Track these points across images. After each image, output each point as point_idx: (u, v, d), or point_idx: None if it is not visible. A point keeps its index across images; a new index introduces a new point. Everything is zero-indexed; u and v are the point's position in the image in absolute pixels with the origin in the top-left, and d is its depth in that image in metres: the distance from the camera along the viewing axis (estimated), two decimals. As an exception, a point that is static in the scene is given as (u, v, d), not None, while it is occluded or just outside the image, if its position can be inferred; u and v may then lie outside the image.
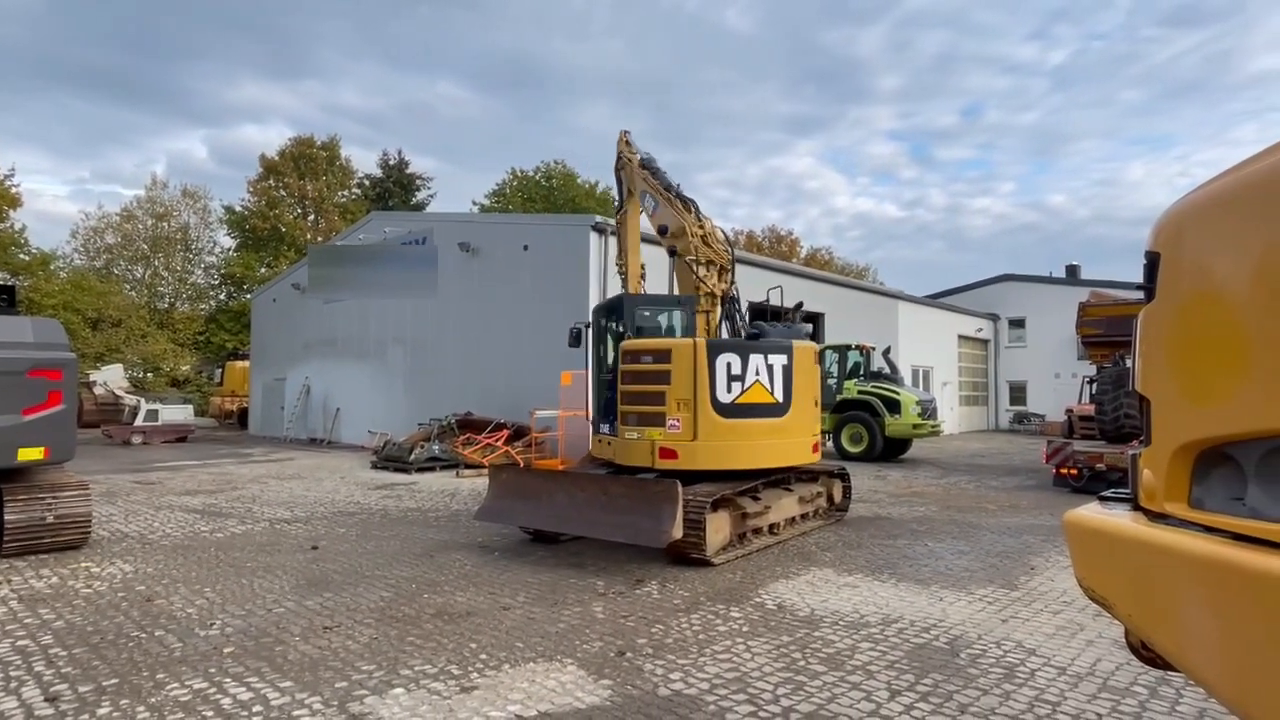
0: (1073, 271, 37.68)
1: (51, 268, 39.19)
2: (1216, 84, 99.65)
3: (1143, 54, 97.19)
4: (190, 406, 26.85)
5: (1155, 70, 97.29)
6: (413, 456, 15.79)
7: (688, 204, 9.19)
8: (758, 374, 7.99)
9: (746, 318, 9.52)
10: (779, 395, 8.14)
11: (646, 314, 9.17)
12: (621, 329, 8.86)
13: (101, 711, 3.97)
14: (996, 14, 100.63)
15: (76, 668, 4.59)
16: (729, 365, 7.93)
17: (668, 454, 7.87)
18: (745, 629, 5.41)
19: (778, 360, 8.16)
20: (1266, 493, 1.53)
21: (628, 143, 10.16)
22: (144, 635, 5.21)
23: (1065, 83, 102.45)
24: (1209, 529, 1.65)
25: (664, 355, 8.01)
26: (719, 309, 8.97)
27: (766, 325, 9.13)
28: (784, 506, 8.70)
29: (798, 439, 8.43)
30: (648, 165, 9.69)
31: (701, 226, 9.01)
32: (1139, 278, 2.04)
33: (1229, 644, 1.54)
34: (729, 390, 7.91)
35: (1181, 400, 1.81)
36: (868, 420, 18.51)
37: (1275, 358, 1.47)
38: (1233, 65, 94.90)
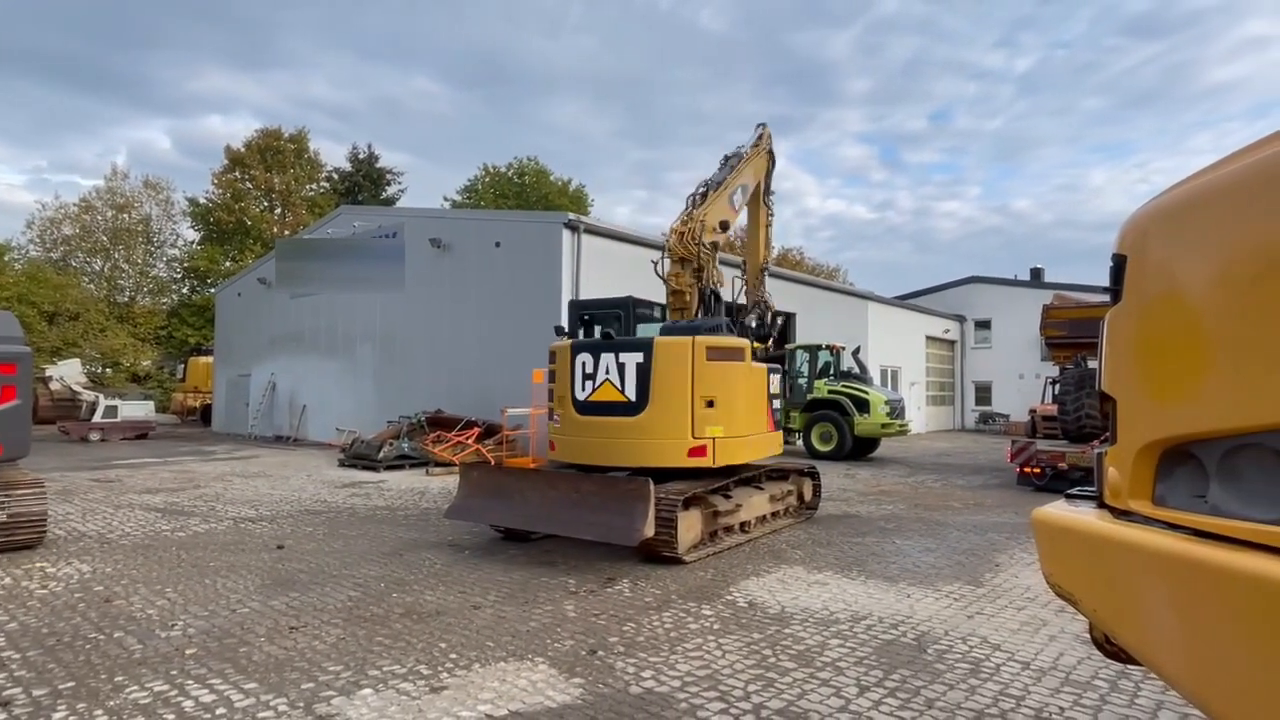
0: (1037, 274, 38.45)
1: (5, 259, 38.01)
2: (1174, 94, 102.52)
3: (1104, 63, 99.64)
4: (151, 403, 26.25)
5: (1115, 79, 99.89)
6: (381, 454, 15.60)
7: (689, 199, 9.38)
8: (608, 373, 8.00)
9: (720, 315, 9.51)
10: (631, 394, 7.81)
11: (586, 317, 9.79)
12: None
13: (57, 716, 3.85)
14: (964, 21, 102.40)
15: (31, 671, 4.45)
16: (584, 364, 8.14)
17: (552, 446, 8.73)
18: (716, 626, 5.43)
19: (631, 358, 7.88)
20: (1227, 490, 1.57)
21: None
22: (102, 637, 5.07)
23: (1030, 90, 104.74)
24: (1172, 526, 1.69)
25: (553, 355, 8.68)
26: (696, 307, 8.91)
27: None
28: (755, 504, 8.76)
29: (660, 440, 7.75)
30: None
31: (684, 223, 8.99)
32: (1101, 281, 2.09)
33: (1190, 637, 1.58)
34: (583, 389, 8.12)
35: (1146, 400, 1.85)
36: (837, 419, 18.71)
37: (1236, 358, 1.51)
38: (1189, 76, 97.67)
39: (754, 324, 10.44)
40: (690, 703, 4.09)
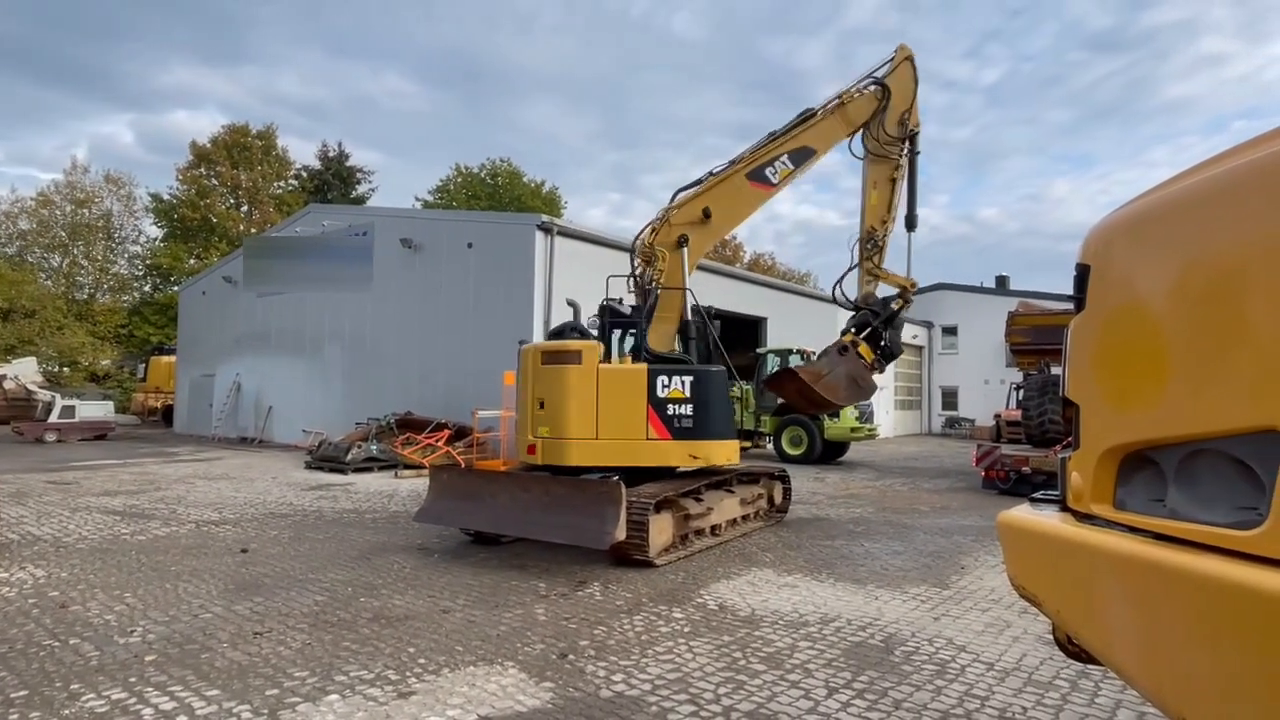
0: (1002, 282, 39.19)
1: (-42, 254, 36.85)
2: (1134, 108, 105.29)
3: (1068, 76, 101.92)
4: (110, 403, 25.60)
5: (1079, 93, 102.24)
6: (349, 456, 15.38)
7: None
8: None
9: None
10: None
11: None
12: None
13: (9, 725, 3.74)
14: (934, 31, 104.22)
15: (-19, 679, 4.31)
16: None
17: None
18: (687, 629, 5.44)
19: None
20: (1185, 494, 1.61)
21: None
22: (57, 644, 4.93)
23: (997, 101, 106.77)
24: (1132, 529, 1.74)
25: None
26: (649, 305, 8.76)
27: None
28: (726, 508, 8.80)
29: (520, 435, 8.48)
30: None
31: (660, 220, 8.95)
32: (1065, 289, 2.14)
33: (1149, 637, 1.62)
34: None
35: (1108, 406, 1.90)
36: (807, 424, 18.87)
37: (1193, 366, 1.56)
38: (1148, 91, 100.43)
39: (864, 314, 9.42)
40: (661, 706, 4.09)
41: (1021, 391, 16.32)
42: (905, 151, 9.36)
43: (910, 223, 9.50)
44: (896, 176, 9.30)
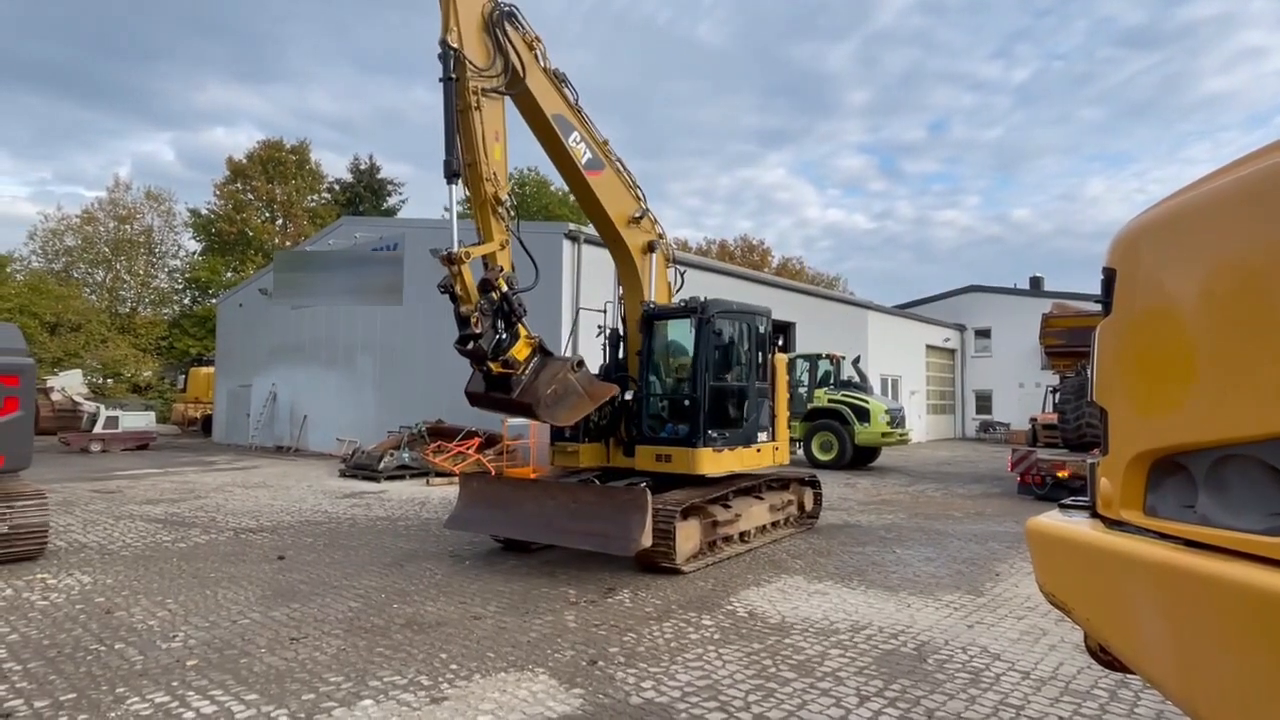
0: (1036, 283, 38.53)
1: (8, 270, 38.12)
2: (1170, 105, 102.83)
3: (1100, 74, 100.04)
4: (152, 413, 26.22)
5: (1112, 90, 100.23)
6: (382, 465, 15.59)
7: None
8: None
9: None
10: None
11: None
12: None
13: (58, 727, 3.86)
14: (961, 33, 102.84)
15: (32, 682, 4.46)
16: None
17: None
18: (717, 637, 5.43)
19: None
20: (1215, 500, 1.59)
21: None
22: (103, 648, 5.08)
23: (1027, 100, 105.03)
24: (1162, 535, 1.71)
25: None
26: None
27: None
28: (755, 514, 8.76)
29: None
30: None
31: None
32: (1099, 290, 2.11)
33: (1180, 645, 1.60)
34: None
35: (1136, 411, 1.87)
36: (837, 429, 18.71)
37: (1222, 371, 1.54)
38: (1185, 87, 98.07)
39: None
40: (690, 713, 4.09)
41: (1058, 394, 16.02)
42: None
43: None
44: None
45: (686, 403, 8.43)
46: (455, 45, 6.73)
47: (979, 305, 36.87)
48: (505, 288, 7.00)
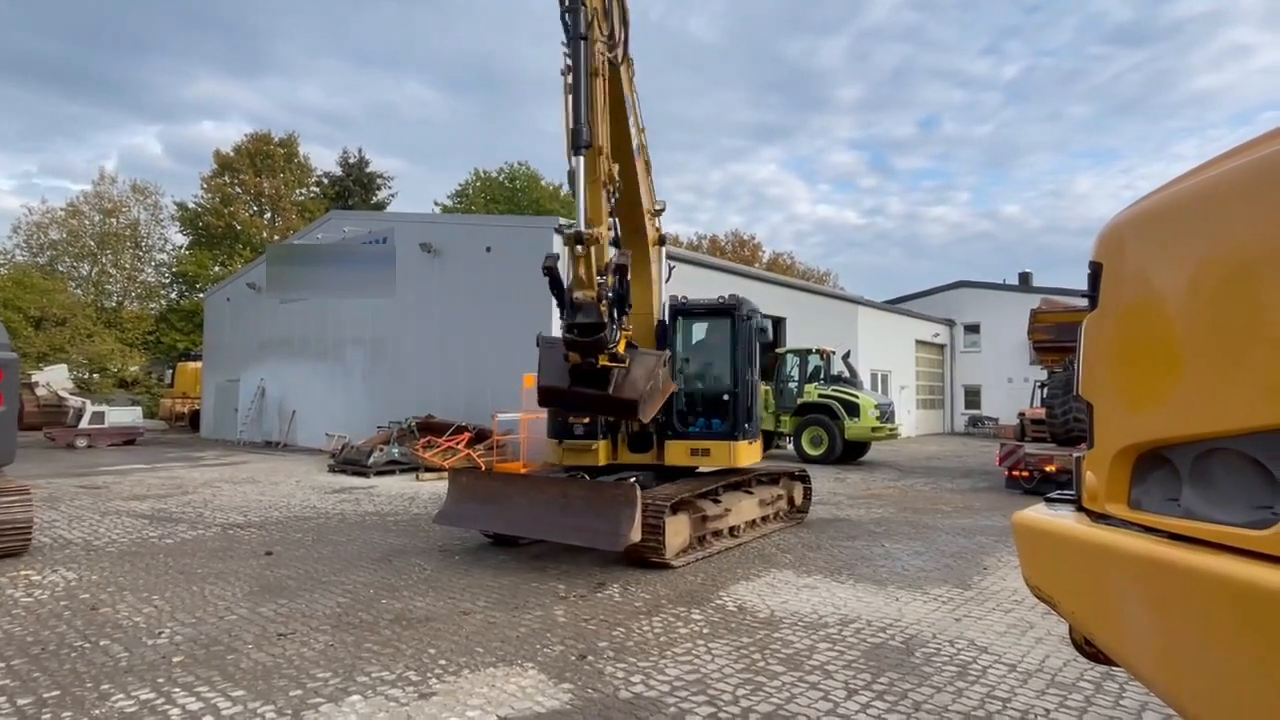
0: (1025, 279, 38.73)
1: (-9, 264, 37.68)
2: (1158, 101, 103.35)
3: (1089, 71, 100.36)
4: (138, 408, 26.01)
5: (1101, 87, 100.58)
6: (371, 460, 15.54)
7: None
8: None
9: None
10: None
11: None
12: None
13: (42, 724, 3.83)
14: (951, 29, 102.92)
15: (15, 680, 4.42)
16: None
17: None
18: (706, 631, 5.44)
19: None
20: (1199, 494, 1.60)
21: None
22: (88, 645, 5.04)
23: (1017, 97, 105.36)
24: (1147, 529, 1.72)
25: None
26: None
27: None
28: (744, 509, 8.78)
29: None
30: None
31: None
32: (1086, 286, 2.11)
33: (1164, 638, 1.61)
34: None
35: (1121, 405, 1.88)
36: (828, 423, 18.77)
37: (1206, 365, 1.54)
38: (1172, 84, 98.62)
39: None
40: (679, 707, 4.10)
41: (1045, 389, 16.11)
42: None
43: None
44: None
45: (725, 397, 8.62)
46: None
47: (968, 301, 37.03)
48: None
